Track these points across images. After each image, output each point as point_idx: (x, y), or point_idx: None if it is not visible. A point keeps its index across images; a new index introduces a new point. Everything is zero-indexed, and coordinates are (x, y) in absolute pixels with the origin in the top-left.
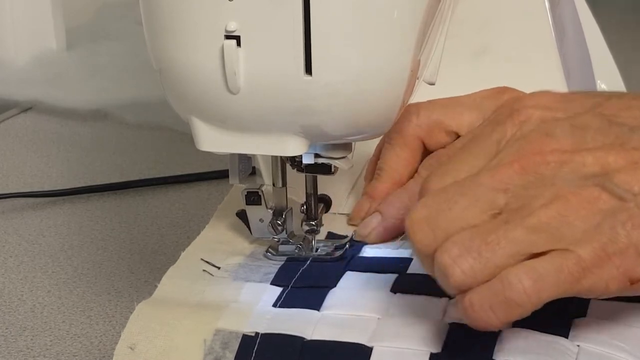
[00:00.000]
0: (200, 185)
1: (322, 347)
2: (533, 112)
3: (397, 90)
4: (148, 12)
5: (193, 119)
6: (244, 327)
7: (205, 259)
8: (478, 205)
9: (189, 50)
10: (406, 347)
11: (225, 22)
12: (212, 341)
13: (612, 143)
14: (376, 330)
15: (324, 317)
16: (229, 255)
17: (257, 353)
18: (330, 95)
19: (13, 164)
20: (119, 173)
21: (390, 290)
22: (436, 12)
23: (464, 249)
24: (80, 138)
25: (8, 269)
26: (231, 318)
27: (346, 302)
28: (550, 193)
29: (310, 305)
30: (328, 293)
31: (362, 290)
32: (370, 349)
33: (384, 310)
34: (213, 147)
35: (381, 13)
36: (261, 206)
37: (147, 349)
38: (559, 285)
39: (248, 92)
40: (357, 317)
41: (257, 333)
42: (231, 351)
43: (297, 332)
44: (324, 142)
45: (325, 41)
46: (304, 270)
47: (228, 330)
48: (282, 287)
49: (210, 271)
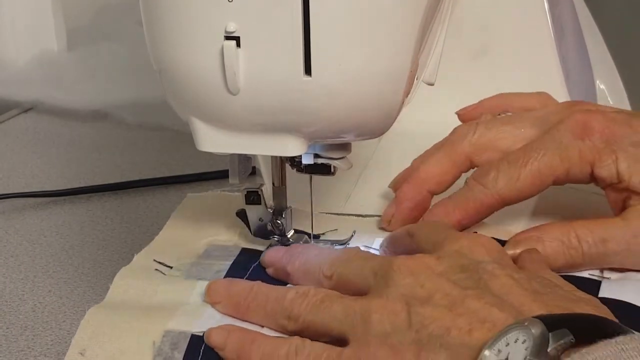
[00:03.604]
0: (200, 185)
1: None
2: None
3: (396, 91)
4: (148, 13)
5: (193, 120)
6: (193, 327)
7: (157, 260)
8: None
9: (189, 51)
10: None
11: (225, 23)
12: (161, 342)
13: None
14: None
15: None
16: (181, 255)
17: (205, 352)
18: (330, 96)
19: (14, 164)
20: (119, 173)
21: None
22: (436, 13)
23: None
24: (80, 138)
25: (9, 269)
26: (181, 318)
27: None
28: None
29: None
30: None
31: None
32: None
33: None
34: (213, 148)
35: (381, 13)
36: (261, 206)
37: (96, 354)
38: None
39: (248, 92)
40: None
41: None
42: (180, 351)
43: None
44: (323, 142)
45: (325, 42)
46: (256, 266)
47: (177, 331)
48: None
49: (163, 270)
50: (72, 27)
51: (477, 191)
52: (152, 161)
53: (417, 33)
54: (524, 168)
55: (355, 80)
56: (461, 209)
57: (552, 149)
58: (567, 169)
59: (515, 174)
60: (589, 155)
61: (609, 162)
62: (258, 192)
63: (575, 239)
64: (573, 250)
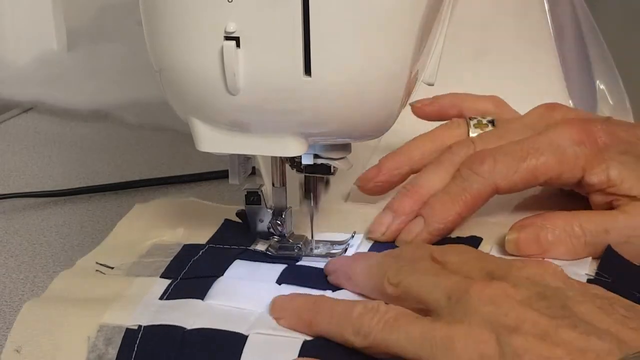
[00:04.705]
0: (200, 185)
1: (201, 336)
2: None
3: (396, 91)
4: (148, 13)
5: (193, 120)
6: (128, 321)
7: (100, 262)
8: None
9: (188, 51)
10: (280, 334)
11: (224, 23)
12: (95, 338)
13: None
14: (256, 319)
15: (207, 307)
16: (124, 258)
17: (140, 346)
18: (330, 96)
19: (14, 164)
20: (119, 173)
21: (275, 281)
22: (436, 13)
23: None
24: (81, 138)
25: (9, 269)
26: (116, 312)
27: (230, 292)
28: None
29: (194, 296)
30: (214, 282)
31: (248, 280)
32: (246, 336)
33: (266, 302)
34: (213, 148)
35: (381, 14)
36: (261, 206)
37: (32, 350)
38: None
39: (248, 92)
40: (239, 308)
41: (140, 326)
42: (114, 347)
43: (178, 322)
44: (323, 142)
45: (325, 42)
46: (195, 260)
47: (112, 325)
48: (172, 279)
49: (103, 271)
50: (72, 27)
51: (473, 181)
52: (152, 161)
53: (417, 33)
54: (522, 163)
55: (355, 80)
56: (460, 201)
57: (550, 150)
58: (561, 172)
59: (513, 166)
60: (583, 161)
61: (601, 169)
62: (258, 192)
63: (579, 228)
64: (576, 239)
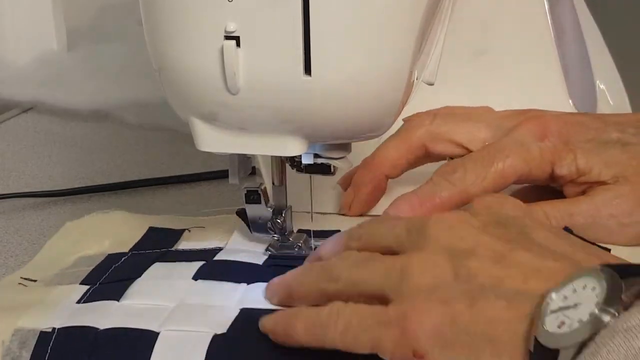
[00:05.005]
0: (200, 185)
1: (113, 335)
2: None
3: (396, 91)
4: (148, 13)
5: (193, 119)
6: (42, 324)
7: (24, 277)
8: None
9: (188, 50)
10: (191, 329)
11: (224, 23)
12: (10, 342)
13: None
14: (168, 316)
15: (121, 307)
16: (48, 270)
17: (53, 348)
18: (330, 96)
19: (14, 164)
20: (119, 173)
21: (192, 277)
22: (436, 13)
23: None
24: (80, 138)
25: (9, 269)
26: (31, 317)
27: (146, 291)
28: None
29: (110, 297)
30: (131, 284)
31: (164, 279)
32: (157, 333)
33: (180, 297)
34: (213, 147)
35: (380, 13)
36: (261, 205)
37: None
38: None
39: (248, 92)
40: (154, 305)
41: (54, 328)
42: (28, 350)
43: (91, 323)
44: (323, 142)
45: (325, 41)
46: (116, 267)
47: (27, 329)
48: (91, 285)
49: (26, 284)
50: (72, 27)
51: (444, 187)
52: (152, 161)
53: (417, 33)
54: (490, 168)
55: (355, 80)
56: (427, 203)
57: (515, 151)
58: (530, 170)
59: (482, 173)
60: (550, 156)
61: (569, 160)
62: (258, 191)
63: (543, 215)
64: None
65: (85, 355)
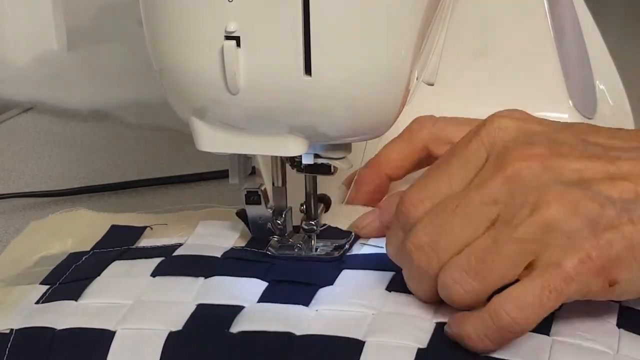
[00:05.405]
0: (200, 185)
1: (70, 335)
2: (508, 123)
3: (396, 91)
4: (148, 13)
5: (193, 120)
6: (1, 325)
7: None
8: (472, 222)
9: (189, 51)
10: (147, 327)
11: (225, 23)
12: None
13: (589, 157)
14: (124, 315)
15: (79, 306)
16: (10, 271)
17: (11, 350)
18: (330, 96)
19: (14, 164)
20: (119, 173)
21: (150, 274)
22: (436, 12)
23: (463, 270)
24: (80, 138)
25: None
26: None
27: (104, 290)
28: (534, 199)
29: (69, 297)
30: (90, 283)
31: (123, 277)
32: (114, 332)
33: (137, 295)
34: (213, 147)
35: (381, 13)
36: (261, 206)
37: None
38: (544, 306)
39: (248, 92)
40: (112, 304)
41: (12, 330)
42: None
43: (49, 324)
44: (323, 142)
45: (325, 41)
46: (77, 266)
47: None
48: (51, 284)
49: None
50: (72, 27)
51: None
52: (152, 161)
53: (417, 33)
54: None
55: (355, 80)
56: None
57: None
58: None
59: None
60: None
61: None
62: (258, 192)
63: None
64: None
65: (43, 357)
